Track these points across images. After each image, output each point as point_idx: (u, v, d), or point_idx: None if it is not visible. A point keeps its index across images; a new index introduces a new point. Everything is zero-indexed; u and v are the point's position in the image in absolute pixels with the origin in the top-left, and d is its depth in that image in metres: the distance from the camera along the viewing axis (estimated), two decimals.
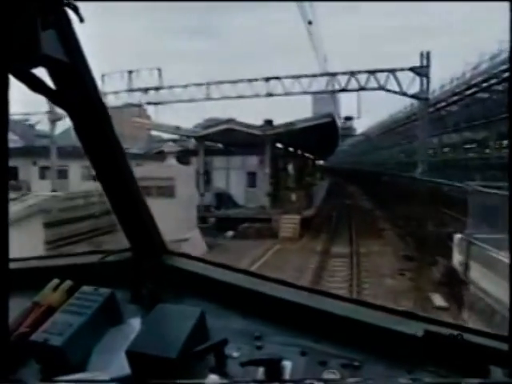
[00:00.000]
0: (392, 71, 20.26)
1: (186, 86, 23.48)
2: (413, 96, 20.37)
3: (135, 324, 1.16)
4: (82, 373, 0.97)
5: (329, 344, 1.02)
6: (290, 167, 36.69)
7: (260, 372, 0.93)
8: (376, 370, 0.94)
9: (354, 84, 21.01)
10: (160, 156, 20.36)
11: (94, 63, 0.97)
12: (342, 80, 21.22)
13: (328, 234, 18.38)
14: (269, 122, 20.16)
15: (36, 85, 0.90)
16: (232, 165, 21.98)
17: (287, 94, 21.65)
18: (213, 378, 0.90)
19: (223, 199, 20.93)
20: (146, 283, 1.26)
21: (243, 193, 21.61)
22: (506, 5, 0.62)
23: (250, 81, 22.35)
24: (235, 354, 1.00)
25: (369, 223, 21.45)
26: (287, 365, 0.95)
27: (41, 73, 0.91)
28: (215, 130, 19.89)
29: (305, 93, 21.53)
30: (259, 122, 21.32)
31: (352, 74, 20.90)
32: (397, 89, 20.37)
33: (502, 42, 13.04)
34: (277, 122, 20.78)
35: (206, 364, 0.96)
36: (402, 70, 20.20)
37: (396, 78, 20.26)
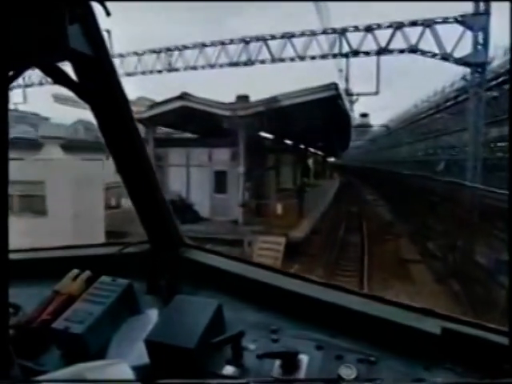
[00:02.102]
0: (428, 24, 13.54)
1: (140, 54, 17.37)
2: (461, 61, 13.56)
3: (152, 315, 1.16)
4: (102, 360, 0.97)
5: (345, 339, 1.02)
6: (310, 161, 29.91)
7: (276, 365, 0.94)
8: (392, 365, 0.93)
9: (370, 45, 14.43)
10: None
11: None
12: (354, 40, 14.66)
13: (326, 270, 11.87)
14: (243, 98, 13.76)
15: (60, 78, 0.89)
16: (194, 160, 15.66)
17: (275, 60, 15.21)
18: (229, 369, 0.95)
19: (178, 209, 14.68)
20: (163, 275, 1.27)
21: (209, 200, 15.32)
22: (506, 5, 0.61)
23: (223, 44, 16.02)
24: (251, 347, 1.00)
25: (388, 247, 14.92)
26: (303, 358, 0.95)
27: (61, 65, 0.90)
28: (165, 109, 13.66)
29: (300, 58, 14.99)
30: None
31: (369, 29, 14.27)
32: (435, 50, 13.66)
33: None
34: None
35: (223, 355, 0.98)
36: (446, 21, 13.43)
37: (435, 36, 13.55)
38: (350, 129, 20.95)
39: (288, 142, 23.05)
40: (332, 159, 54.47)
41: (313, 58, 14.71)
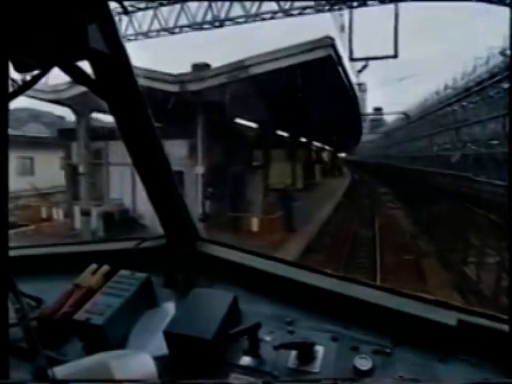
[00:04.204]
0: None
1: None
2: None
3: (170, 307, 1.19)
4: (125, 350, 1.02)
5: (360, 330, 1.02)
6: (325, 155, 25.28)
7: (292, 356, 0.95)
8: (408, 357, 0.94)
9: None
10: None
11: None
12: None
13: None
14: (201, 67, 9.59)
15: (80, 77, 0.91)
16: None
17: (250, 17, 11.02)
18: (246, 359, 0.96)
19: (116, 225, 10.68)
20: (179, 269, 1.29)
21: None
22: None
23: (184, 1, 11.88)
24: (268, 338, 1.01)
25: (412, 275, 10.66)
26: (319, 349, 0.96)
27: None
28: None
29: (285, 13, 10.73)
30: None
31: None
32: None
33: None
34: None
35: (240, 346, 0.99)
36: None
37: None
38: (359, 113, 16.46)
39: (283, 133, 18.80)
40: (343, 155, 49.82)
41: (304, 9, 10.41)
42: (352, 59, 9.46)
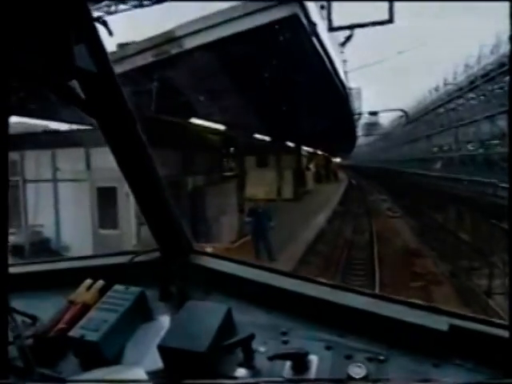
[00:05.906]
0: None
1: None
2: None
3: (165, 321, 1.18)
4: (118, 365, 1.02)
5: (354, 338, 1.03)
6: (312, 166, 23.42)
7: (287, 366, 0.95)
8: (402, 363, 0.94)
9: None
10: None
11: None
12: None
13: None
14: (126, 47, 7.05)
15: (68, 96, 0.91)
16: (65, 171, 8.92)
17: None
18: (241, 371, 0.96)
19: (30, 258, 8.16)
20: (174, 282, 1.29)
21: (92, 240, 8.60)
22: (506, 5, 0.60)
23: None
24: (262, 349, 1.01)
25: None
26: (313, 359, 0.96)
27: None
28: None
29: None
30: None
31: None
32: None
33: None
34: None
35: (235, 358, 0.99)
36: None
37: None
38: (352, 112, 13.95)
39: (264, 137, 16.27)
40: (338, 160, 47.40)
41: None
42: (332, 29, 6.95)
